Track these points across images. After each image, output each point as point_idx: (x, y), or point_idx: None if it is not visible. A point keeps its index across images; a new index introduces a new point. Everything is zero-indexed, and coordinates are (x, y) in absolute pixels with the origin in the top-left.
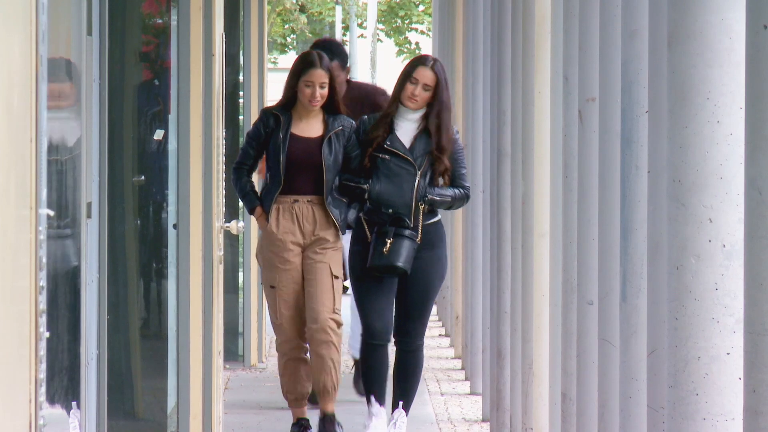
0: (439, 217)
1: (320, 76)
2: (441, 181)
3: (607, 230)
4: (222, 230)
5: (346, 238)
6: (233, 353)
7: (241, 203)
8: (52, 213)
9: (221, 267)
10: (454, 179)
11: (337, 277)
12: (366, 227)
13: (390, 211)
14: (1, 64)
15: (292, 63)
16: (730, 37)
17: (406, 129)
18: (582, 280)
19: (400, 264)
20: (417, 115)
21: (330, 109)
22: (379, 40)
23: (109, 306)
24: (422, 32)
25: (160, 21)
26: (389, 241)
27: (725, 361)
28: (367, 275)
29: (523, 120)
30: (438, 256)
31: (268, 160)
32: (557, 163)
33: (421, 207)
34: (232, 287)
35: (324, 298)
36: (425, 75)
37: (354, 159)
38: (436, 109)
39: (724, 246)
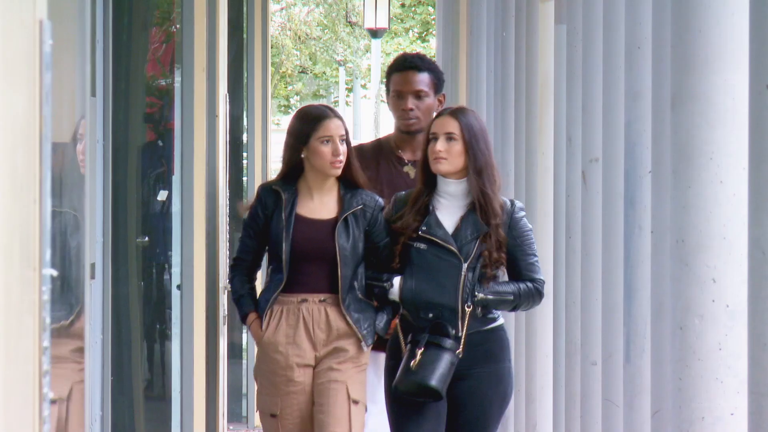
0: (501, 321)
1: (338, 127)
2: (501, 275)
3: (610, 290)
4: (226, 290)
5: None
6: (237, 414)
7: None
8: (55, 273)
9: (225, 327)
10: (520, 270)
11: (356, 402)
12: (401, 337)
13: (430, 315)
14: (4, 124)
15: (288, 125)
16: (733, 98)
17: (449, 207)
18: (585, 340)
19: (432, 383)
20: (461, 187)
21: (345, 182)
22: (382, 100)
23: (113, 367)
24: None
25: (164, 83)
26: (419, 351)
27: (729, 422)
28: (405, 399)
29: (526, 180)
30: (500, 373)
31: (269, 250)
32: (560, 223)
33: (469, 309)
34: (235, 348)
35: (338, 429)
36: (444, 124)
37: (383, 249)
38: (471, 167)
39: (727, 306)
